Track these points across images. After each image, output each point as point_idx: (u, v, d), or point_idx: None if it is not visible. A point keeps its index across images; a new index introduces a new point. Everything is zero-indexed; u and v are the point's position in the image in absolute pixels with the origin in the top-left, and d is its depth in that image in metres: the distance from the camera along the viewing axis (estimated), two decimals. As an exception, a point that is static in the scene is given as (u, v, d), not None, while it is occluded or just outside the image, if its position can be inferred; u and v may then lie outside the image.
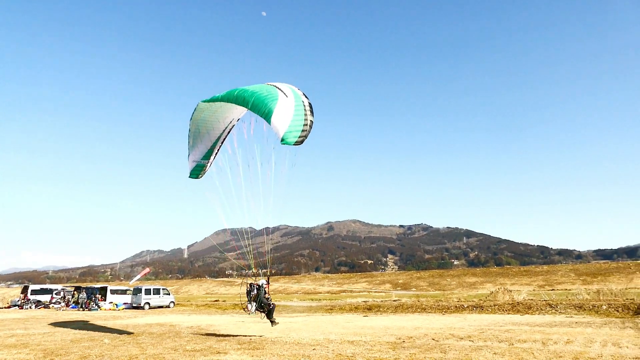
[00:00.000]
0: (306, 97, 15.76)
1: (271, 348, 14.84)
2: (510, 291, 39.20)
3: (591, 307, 27.21)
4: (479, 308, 30.57)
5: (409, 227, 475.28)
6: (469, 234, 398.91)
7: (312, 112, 15.15)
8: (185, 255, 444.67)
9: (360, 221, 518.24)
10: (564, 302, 29.35)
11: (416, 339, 16.41)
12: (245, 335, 19.10)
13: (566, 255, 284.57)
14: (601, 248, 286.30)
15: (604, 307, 26.74)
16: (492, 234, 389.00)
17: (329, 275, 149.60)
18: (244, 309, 18.25)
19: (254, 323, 26.19)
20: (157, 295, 46.72)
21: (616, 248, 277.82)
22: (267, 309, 18.03)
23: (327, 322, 25.13)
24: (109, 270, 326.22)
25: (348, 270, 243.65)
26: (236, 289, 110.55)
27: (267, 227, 18.69)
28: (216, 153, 18.93)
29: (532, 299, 33.14)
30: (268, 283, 18.47)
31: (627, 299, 29.25)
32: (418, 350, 13.87)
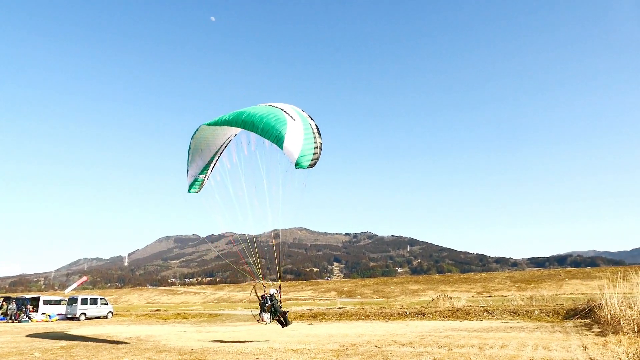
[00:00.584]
0: (312, 119, 16.18)
1: (213, 358, 14.59)
2: (451, 298, 40.45)
3: (525, 312, 28.47)
4: (420, 315, 31.28)
5: (355, 235, 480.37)
6: (413, 242, 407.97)
7: (320, 134, 15.70)
8: (126, 263, 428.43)
9: (306, 229, 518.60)
10: (500, 308, 30.56)
11: (359, 346, 16.61)
12: (187, 345, 18.69)
13: (503, 263, 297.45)
14: (535, 256, 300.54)
15: (536, 312, 28.06)
16: (434, 243, 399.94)
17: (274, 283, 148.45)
18: (258, 320, 18.50)
19: (196, 332, 25.67)
20: (94, 305, 44.72)
21: (548, 256, 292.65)
22: (280, 316, 18.50)
23: (271, 330, 24.94)
24: (43, 279, 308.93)
25: (294, 278, 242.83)
26: (180, 297, 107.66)
27: (278, 235, 19.87)
28: (213, 167, 19.36)
29: (470, 306, 34.30)
30: (280, 291, 19.32)
31: (557, 304, 30.85)
32: (361, 357, 14.05)
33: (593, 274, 75.35)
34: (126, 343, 20.46)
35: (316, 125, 15.93)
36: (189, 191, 19.71)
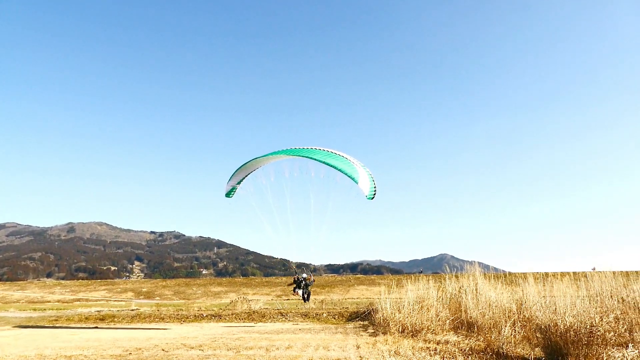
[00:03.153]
0: (367, 167, 23.08)
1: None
2: (249, 300, 41.27)
3: (315, 315, 30.48)
4: (217, 317, 31.23)
5: (161, 234, 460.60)
6: (220, 244, 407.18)
7: (374, 180, 22.85)
8: None
9: (107, 224, 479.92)
10: (293, 311, 32.18)
11: (145, 351, 15.81)
12: None
13: (304, 268, 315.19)
14: (332, 263, 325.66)
15: (325, 315, 30.27)
16: (241, 246, 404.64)
17: (63, 282, 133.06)
18: (292, 293, 25.55)
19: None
20: None
21: (343, 264, 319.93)
22: (306, 294, 25.21)
23: (46, 335, 22.27)
24: None
25: (87, 277, 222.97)
26: None
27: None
28: (244, 181, 24.96)
29: (267, 308, 35.43)
30: (310, 275, 26.03)
31: (343, 307, 33.76)
32: (143, 362, 13.37)
33: (377, 280, 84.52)
34: None
35: (371, 173, 22.98)
36: (225, 196, 25.56)
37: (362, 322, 26.81)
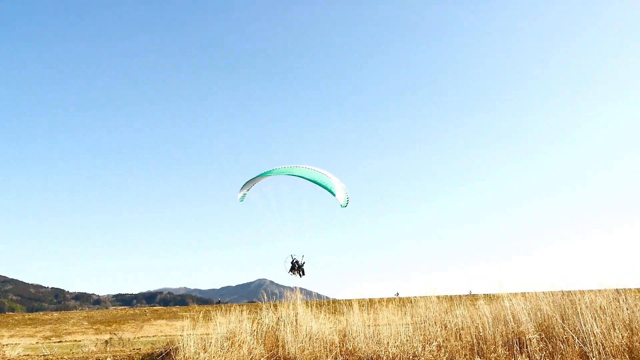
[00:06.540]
0: (342, 182, 26.48)
1: None
2: (4, 345, 33.76)
3: (95, 360, 25.39)
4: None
5: None
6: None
7: (346, 191, 26.18)
8: None
9: None
10: (65, 357, 26.48)
11: None
12: None
13: (84, 299, 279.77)
14: (122, 293, 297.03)
15: (109, 359, 25.50)
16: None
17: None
18: (290, 273, 26.31)
19: None
20: None
21: (137, 293, 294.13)
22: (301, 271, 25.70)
23: None
24: None
25: None
26: None
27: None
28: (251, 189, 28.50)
29: (29, 355, 28.75)
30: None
31: (134, 348, 29.20)
32: None
33: (180, 313, 77.96)
34: None
35: (345, 187, 25.90)
36: (239, 200, 28.71)
37: (158, 366, 22.86)
